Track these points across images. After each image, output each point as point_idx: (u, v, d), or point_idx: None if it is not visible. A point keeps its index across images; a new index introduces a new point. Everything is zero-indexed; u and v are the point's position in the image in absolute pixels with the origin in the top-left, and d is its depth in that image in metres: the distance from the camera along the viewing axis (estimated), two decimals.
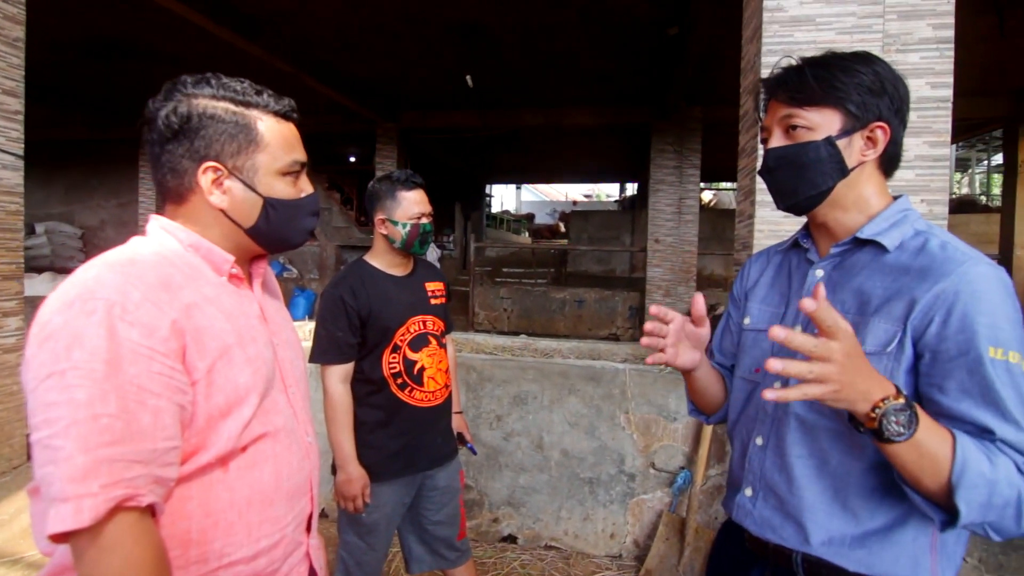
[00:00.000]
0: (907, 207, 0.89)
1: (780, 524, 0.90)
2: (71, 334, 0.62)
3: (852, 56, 0.88)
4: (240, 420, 0.73)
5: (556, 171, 16.20)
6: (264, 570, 0.77)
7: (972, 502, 0.72)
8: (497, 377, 2.75)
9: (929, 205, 2.09)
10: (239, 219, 0.81)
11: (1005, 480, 0.72)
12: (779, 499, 0.91)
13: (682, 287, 7.60)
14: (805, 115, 0.87)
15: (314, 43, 5.86)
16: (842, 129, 0.86)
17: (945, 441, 0.73)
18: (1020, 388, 0.75)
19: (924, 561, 0.83)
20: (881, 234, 0.87)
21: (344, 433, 1.63)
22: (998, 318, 0.76)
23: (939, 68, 2.06)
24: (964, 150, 15.41)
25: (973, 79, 6.03)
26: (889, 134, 0.86)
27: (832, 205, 0.90)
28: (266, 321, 0.85)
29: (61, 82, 7.43)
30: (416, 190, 1.71)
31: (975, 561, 2.28)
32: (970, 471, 0.72)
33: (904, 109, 0.87)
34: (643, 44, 5.61)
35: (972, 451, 0.73)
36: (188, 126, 0.77)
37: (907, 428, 0.71)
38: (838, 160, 0.86)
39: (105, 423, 0.60)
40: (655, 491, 2.60)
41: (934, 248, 0.83)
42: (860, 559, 0.84)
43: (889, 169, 0.90)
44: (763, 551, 0.94)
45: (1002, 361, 0.75)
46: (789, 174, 0.90)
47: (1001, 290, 0.78)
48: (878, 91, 0.85)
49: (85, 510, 0.58)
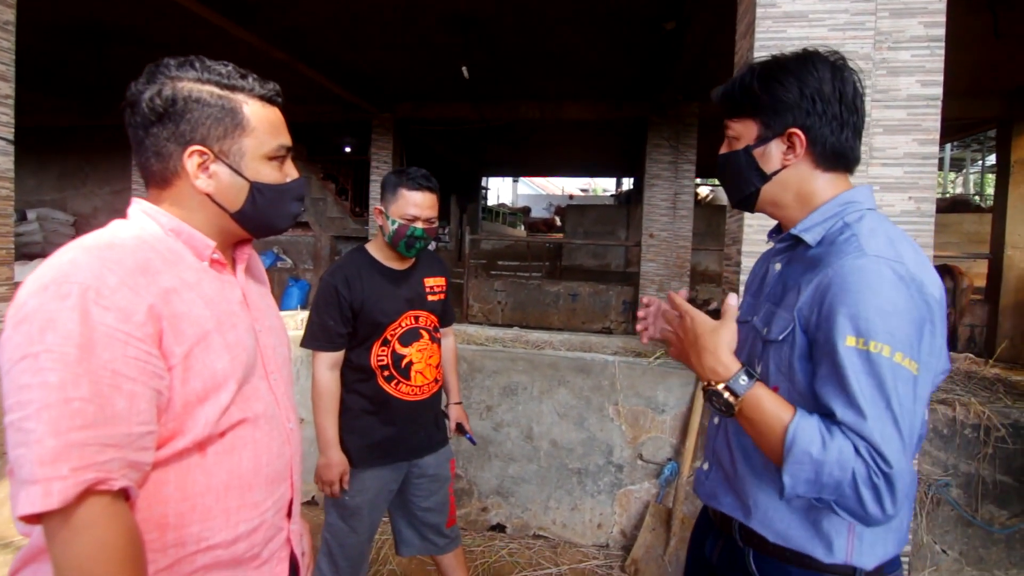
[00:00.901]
0: (850, 199, 0.92)
1: (723, 494, 1.00)
2: (45, 317, 0.62)
3: (782, 62, 0.93)
4: (218, 406, 0.74)
5: (552, 165, 16.17)
6: (244, 555, 0.78)
7: (797, 476, 0.80)
8: (487, 368, 2.76)
9: (917, 202, 2.11)
10: (225, 203, 0.81)
11: (836, 461, 0.77)
12: (724, 472, 1.01)
13: (676, 282, 7.62)
14: (733, 126, 0.97)
15: (309, 31, 5.82)
16: (758, 138, 0.94)
17: (781, 419, 0.82)
18: (878, 377, 0.78)
19: (840, 543, 0.88)
20: (807, 230, 0.93)
21: (328, 418, 1.65)
22: (862, 309, 0.79)
23: (929, 66, 2.07)
24: (959, 150, 15.47)
25: (967, 79, 6.05)
26: (805, 139, 0.91)
27: (772, 204, 0.98)
28: (248, 307, 0.85)
29: (53, 68, 7.35)
30: (420, 192, 1.66)
31: (955, 554, 2.32)
32: (798, 448, 0.79)
33: (834, 110, 0.90)
34: (640, 39, 5.59)
35: (805, 431, 0.80)
36: (173, 109, 0.76)
37: (725, 409, 0.86)
38: (755, 167, 0.95)
39: (77, 407, 0.60)
40: (642, 482, 2.63)
41: (839, 241, 0.87)
42: (779, 532, 0.91)
43: (833, 165, 0.94)
44: (717, 520, 1.04)
45: (861, 351, 0.78)
46: (724, 179, 1.02)
47: (876, 282, 0.79)
48: (794, 99, 0.90)
49: (54, 493, 0.59)
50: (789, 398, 0.86)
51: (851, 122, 0.91)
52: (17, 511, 0.59)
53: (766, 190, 0.96)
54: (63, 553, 0.61)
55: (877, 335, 0.78)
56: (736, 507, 0.97)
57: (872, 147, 2.09)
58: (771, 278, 1.00)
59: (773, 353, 0.90)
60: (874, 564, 0.89)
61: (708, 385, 0.88)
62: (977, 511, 2.28)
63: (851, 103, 0.91)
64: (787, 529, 0.90)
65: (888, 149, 2.10)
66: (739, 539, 0.97)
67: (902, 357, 0.78)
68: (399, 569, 2.36)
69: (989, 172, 15.52)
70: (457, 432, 1.96)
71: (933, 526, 2.30)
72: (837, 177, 0.94)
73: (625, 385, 2.63)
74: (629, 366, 2.65)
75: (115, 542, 0.62)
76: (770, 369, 0.91)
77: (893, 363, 0.78)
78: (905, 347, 0.78)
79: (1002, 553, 2.29)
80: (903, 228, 2.10)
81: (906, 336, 0.79)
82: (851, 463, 0.77)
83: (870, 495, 0.76)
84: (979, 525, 2.27)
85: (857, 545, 0.88)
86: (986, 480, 2.26)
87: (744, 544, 0.96)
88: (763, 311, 0.96)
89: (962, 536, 2.31)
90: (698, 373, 0.92)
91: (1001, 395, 2.50)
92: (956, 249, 8.29)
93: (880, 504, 0.76)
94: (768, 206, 0.98)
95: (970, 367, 3.02)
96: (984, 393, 2.54)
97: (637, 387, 2.62)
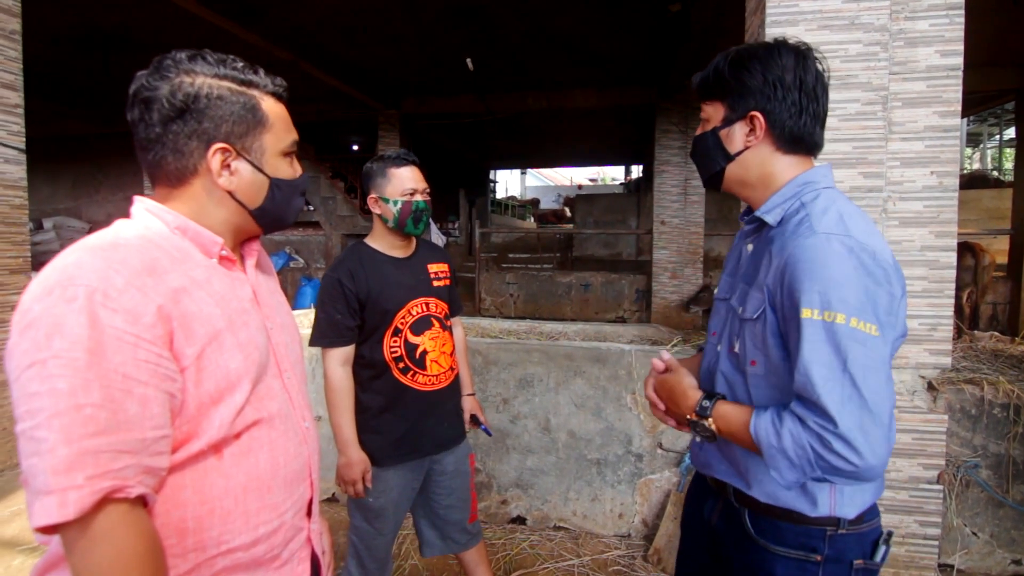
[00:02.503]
0: (808, 180, 0.98)
1: (717, 462, 1.08)
2: (51, 322, 0.60)
3: (752, 50, 0.99)
4: (232, 406, 0.72)
5: (560, 155, 16.08)
6: (263, 556, 0.77)
7: (780, 468, 0.87)
8: (503, 360, 2.74)
9: (939, 177, 2.04)
10: (246, 200, 0.80)
11: (793, 443, 0.85)
12: (717, 443, 1.07)
13: (689, 268, 7.56)
14: (705, 108, 1.05)
15: (312, 29, 5.81)
16: (724, 119, 1.01)
17: (742, 426, 0.92)
18: (835, 343, 0.83)
19: (823, 498, 0.96)
20: (768, 211, 0.99)
21: (344, 416, 1.62)
22: (816, 283, 0.85)
23: (949, 35, 2.00)
24: (975, 124, 15.14)
25: (984, 50, 5.90)
26: (764, 122, 0.97)
27: (738, 183, 1.04)
28: (259, 305, 0.84)
29: (62, 77, 7.42)
30: (408, 167, 1.67)
31: (986, 536, 2.27)
32: (764, 444, 0.88)
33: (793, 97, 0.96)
34: (646, 22, 5.51)
35: (763, 428, 0.88)
36: (196, 106, 0.75)
37: (706, 433, 0.98)
38: (721, 148, 1.02)
39: (89, 413, 0.59)
40: (663, 471, 2.60)
41: (794, 223, 0.94)
42: (768, 492, 0.99)
43: (793, 148, 0.99)
44: (715, 485, 1.12)
45: (817, 320, 0.84)
46: (696, 158, 1.10)
47: (825, 257, 0.85)
48: (756, 85, 0.96)
49: (70, 503, 0.57)
50: (767, 370, 0.94)
51: (810, 108, 0.97)
52: (33, 522, 0.58)
53: (731, 169, 1.03)
54: (82, 563, 0.60)
55: (831, 305, 0.83)
56: (731, 473, 1.05)
57: (891, 121, 2.03)
58: (744, 259, 1.06)
59: (749, 330, 0.97)
60: (855, 513, 0.96)
61: (689, 419, 1.00)
62: (1008, 492, 2.22)
63: (811, 91, 0.96)
64: (775, 490, 0.98)
65: (908, 123, 2.04)
66: (734, 500, 1.05)
67: (857, 321, 0.83)
68: (421, 563, 2.36)
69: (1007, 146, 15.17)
70: (472, 424, 1.93)
71: (963, 508, 2.25)
72: (798, 159, 1.00)
73: (642, 374, 2.60)
74: (645, 354, 2.62)
75: (134, 550, 0.61)
76: (747, 345, 0.97)
77: (849, 328, 0.83)
78: (859, 312, 0.83)
79: None
80: (925, 204, 2.06)
81: (858, 302, 0.84)
82: (804, 438, 0.84)
83: (835, 458, 0.82)
84: (1011, 506, 2.22)
85: (839, 498, 0.96)
86: (1016, 460, 2.21)
87: (739, 505, 1.04)
88: (738, 291, 1.03)
89: (993, 518, 2.26)
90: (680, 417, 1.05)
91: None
92: (976, 226, 8.11)
93: (848, 461, 0.81)
94: (735, 185, 1.05)
95: (996, 346, 2.94)
96: (1012, 372, 2.47)
97: None
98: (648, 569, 2.37)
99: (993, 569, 2.26)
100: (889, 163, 2.03)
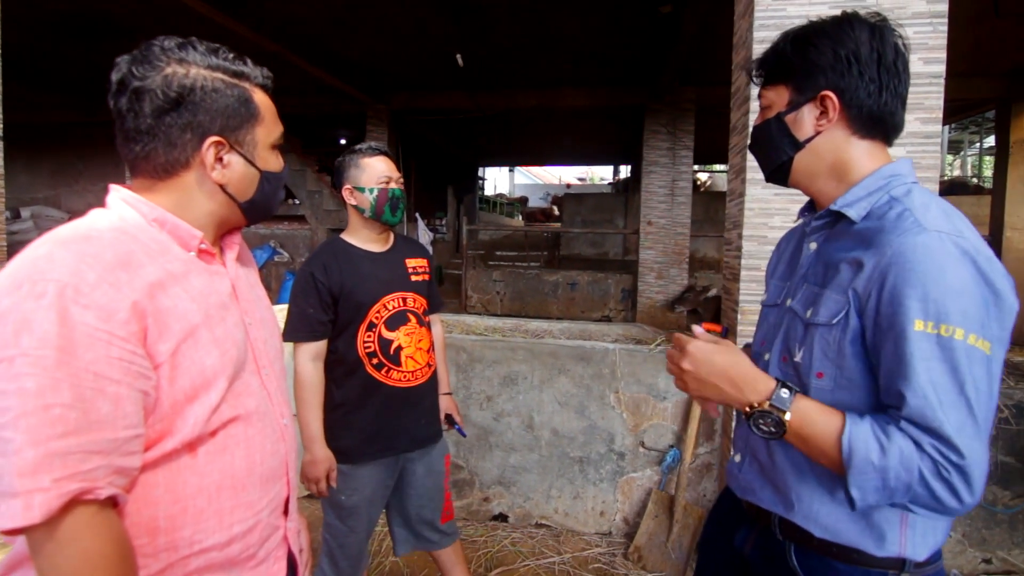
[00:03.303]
0: (894, 172, 0.87)
1: (760, 488, 0.95)
2: (19, 318, 0.58)
3: (818, 25, 0.88)
4: (207, 404, 0.71)
5: (549, 153, 16.09)
6: (239, 556, 0.76)
7: (864, 487, 0.76)
8: (487, 358, 2.74)
9: (920, 183, 2.08)
10: (236, 193, 0.79)
11: (899, 464, 0.74)
12: (760, 465, 0.95)
13: (674, 269, 7.60)
14: (766, 94, 0.94)
15: (300, 21, 5.74)
16: (789, 103, 0.90)
17: (831, 430, 0.78)
18: (952, 362, 0.73)
19: (892, 535, 0.84)
20: (850, 205, 0.88)
21: (312, 413, 1.60)
22: (931, 289, 0.74)
23: (932, 43, 2.04)
24: (957, 132, 15.40)
25: (966, 59, 6.00)
26: (839, 103, 0.86)
27: (806, 176, 0.93)
28: (238, 299, 0.82)
29: (45, 64, 7.26)
30: (380, 156, 1.67)
31: (958, 536, 2.31)
32: (857, 458, 0.75)
33: (871, 72, 0.85)
34: (636, 23, 5.53)
35: (861, 439, 0.76)
36: (191, 99, 0.73)
37: (775, 428, 0.81)
38: (787, 134, 0.91)
39: (57, 414, 0.57)
40: (644, 469, 2.62)
41: (891, 217, 0.82)
42: (827, 526, 0.86)
43: (871, 132, 0.88)
44: (753, 513, 0.99)
45: (931, 335, 0.73)
46: (758, 150, 0.98)
47: (942, 259, 0.74)
48: (827, 61, 0.86)
49: (35, 506, 0.56)
50: (836, 385, 0.83)
51: (891, 85, 0.85)
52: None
53: (799, 159, 0.91)
54: (48, 566, 0.58)
55: (949, 317, 0.73)
56: (776, 501, 0.92)
57: None
58: (806, 258, 0.95)
59: (819, 337, 0.85)
60: (927, 554, 0.85)
61: (751, 409, 0.83)
62: None
63: (891, 65, 0.85)
64: (835, 523, 0.86)
65: None
66: (778, 533, 0.92)
67: (975, 338, 0.73)
68: (401, 560, 2.36)
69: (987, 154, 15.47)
70: (447, 424, 1.92)
71: None
72: (875, 146, 0.89)
73: (626, 372, 2.61)
74: (630, 353, 2.63)
75: (102, 552, 0.60)
76: (814, 354, 0.85)
77: (967, 346, 0.73)
78: (977, 327, 0.73)
79: (1005, 534, 2.29)
80: None
81: (977, 315, 0.73)
82: (915, 462, 0.73)
83: (943, 489, 0.72)
84: (982, 506, 2.26)
85: (910, 536, 0.84)
86: (990, 461, 2.26)
87: (784, 538, 0.92)
88: (801, 293, 0.91)
89: (965, 517, 2.30)
90: (731, 400, 0.85)
91: (1004, 376, 2.49)
92: None
93: (957, 496, 0.72)
94: (802, 178, 0.93)
95: None
96: None
97: (638, 374, 2.61)
98: (628, 567, 2.39)
99: (964, 568, 2.31)
100: None
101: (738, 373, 0.85)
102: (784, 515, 0.90)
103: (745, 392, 0.84)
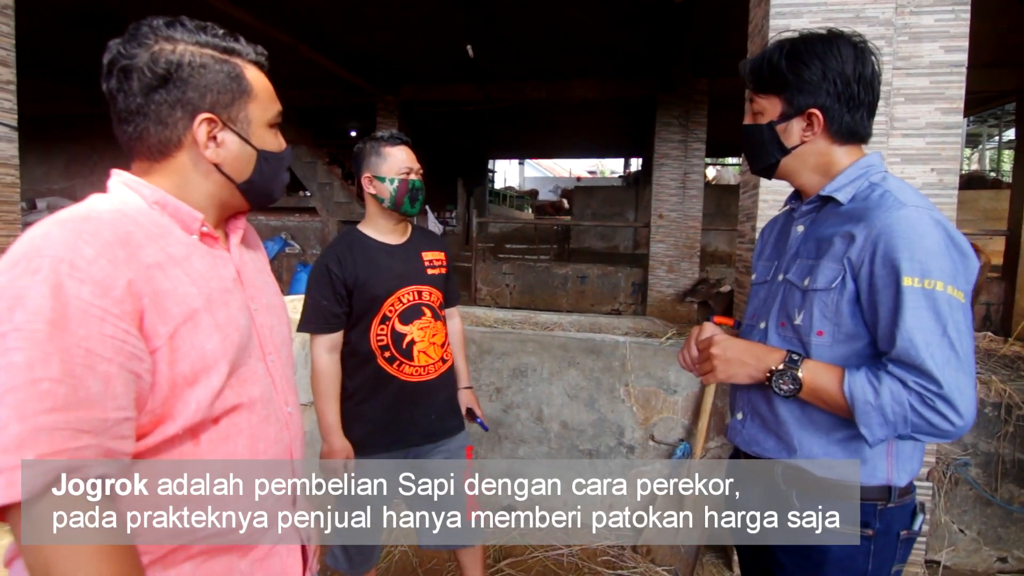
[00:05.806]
0: (869, 164, 1.02)
1: (763, 439, 1.09)
2: (13, 294, 0.57)
3: (809, 43, 1.00)
4: (209, 389, 0.69)
5: (560, 146, 16.00)
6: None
7: (871, 425, 0.91)
8: (497, 350, 2.74)
9: (940, 175, 2.03)
10: (233, 173, 0.77)
11: (891, 401, 0.89)
12: (762, 419, 1.09)
13: (685, 263, 7.54)
14: (758, 100, 1.06)
15: (311, 12, 5.73)
16: (781, 115, 1.03)
17: (834, 382, 0.94)
18: (935, 309, 0.88)
19: (880, 467, 1.00)
20: (837, 190, 1.02)
21: (328, 403, 1.60)
22: (916, 252, 0.89)
23: (954, 31, 1.99)
24: (975, 125, 15.11)
25: (987, 50, 5.87)
26: (823, 119, 0.99)
27: (793, 173, 1.07)
28: (243, 284, 0.81)
29: (58, 56, 7.33)
30: (401, 146, 1.65)
31: (973, 534, 2.28)
32: (858, 402, 0.91)
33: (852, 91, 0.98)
34: (648, 13, 5.46)
35: (859, 385, 0.92)
36: (179, 74, 0.72)
37: (793, 384, 0.97)
38: (777, 141, 1.04)
39: (46, 388, 0.55)
40: (654, 463, 2.61)
41: (874, 198, 0.97)
42: (826, 465, 1.01)
43: (848, 140, 1.02)
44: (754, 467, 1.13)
45: (918, 288, 0.88)
46: (747, 148, 1.11)
47: (921, 227, 0.90)
48: (816, 80, 0.98)
49: (17, 483, 0.54)
50: (834, 340, 0.98)
51: (866, 101, 1.00)
52: None
53: (786, 161, 1.06)
54: (33, 551, 0.56)
55: (931, 273, 0.88)
56: (780, 449, 1.06)
57: (893, 117, 2.02)
58: (794, 239, 1.10)
59: (818, 300, 0.99)
60: (907, 480, 1.01)
61: (771, 373, 0.99)
62: (996, 490, 2.24)
63: (868, 83, 0.99)
64: (831, 461, 1.00)
65: (910, 119, 2.02)
66: (781, 483, 1.05)
67: (953, 289, 0.88)
68: (411, 551, 2.37)
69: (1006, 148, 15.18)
70: (468, 417, 1.91)
71: (951, 506, 2.27)
72: (852, 148, 1.04)
73: (636, 366, 2.60)
74: (640, 347, 2.62)
75: (95, 536, 0.58)
76: (814, 316, 1.00)
77: (947, 295, 0.88)
78: (952, 280, 0.89)
79: (1021, 532, 2.26)
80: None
81: (951, 270, 0.89)
82: (904, 396, 0.88)
83: (935, 416, 0.87)
84: (998, 504, 2.23)
85: (895, 464, 0.99)
86: (1006, 459, 2.22)
87: (787, 487, 1.04)
88: (796, 267, 1.06)
89: (980, 515, 2.27)
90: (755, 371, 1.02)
91: (1023, 374, 2.45)
92: (972, 226, 8.11)
93: (948, 420, 0.86)
94: (787, 175, 1.09)
95: (989, 345, 2.95)
96: (1004, 371, 2.48)
97: (648, 368, 2.59)
98: (637, 560, 2.38)
99: (979, 566, 2.28)
100: (890, 159, 2.01)
101: (755, 350, 1.03)
102: (788, 460, 1.05)
103: (765, 361, 1.01)
